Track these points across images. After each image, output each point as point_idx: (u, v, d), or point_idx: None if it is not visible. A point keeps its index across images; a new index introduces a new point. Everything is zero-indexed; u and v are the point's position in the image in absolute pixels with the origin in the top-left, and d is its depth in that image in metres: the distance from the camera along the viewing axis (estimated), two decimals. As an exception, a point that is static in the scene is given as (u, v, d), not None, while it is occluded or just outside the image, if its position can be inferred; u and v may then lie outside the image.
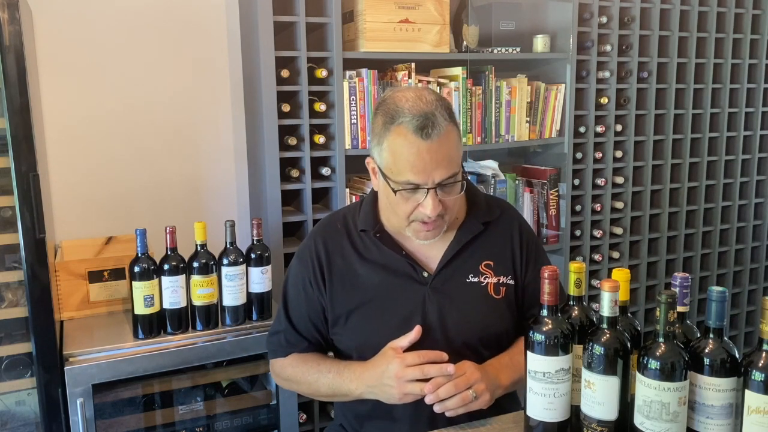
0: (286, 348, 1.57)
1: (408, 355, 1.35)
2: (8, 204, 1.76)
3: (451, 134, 1.34)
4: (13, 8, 1.63)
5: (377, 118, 1.38)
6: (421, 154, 1.31)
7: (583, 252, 2.78)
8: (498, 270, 1.50)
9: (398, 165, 1.34)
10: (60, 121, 2.30)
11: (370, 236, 1.49)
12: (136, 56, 2.39)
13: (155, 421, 2.02)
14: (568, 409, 1.20)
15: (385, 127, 1.35)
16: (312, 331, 1.54)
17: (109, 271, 2.05)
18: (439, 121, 1.31)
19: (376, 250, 1.49)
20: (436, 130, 1.31)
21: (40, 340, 1.77)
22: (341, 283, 1.50)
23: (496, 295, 1.49)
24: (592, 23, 2.61)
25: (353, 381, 1.42)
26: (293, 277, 1.57)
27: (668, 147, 2.89)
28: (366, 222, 1.50)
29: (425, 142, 1.31)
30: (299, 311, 1.55)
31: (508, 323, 1.49)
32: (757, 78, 3.07)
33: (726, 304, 1.10)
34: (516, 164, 2.85)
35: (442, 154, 1.32)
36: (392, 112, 1.34)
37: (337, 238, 1.52)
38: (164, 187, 2.47)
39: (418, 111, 1.31)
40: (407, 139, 1.31)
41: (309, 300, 1.52)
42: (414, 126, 1.30)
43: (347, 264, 1.50)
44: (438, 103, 1.34)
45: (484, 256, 1.50)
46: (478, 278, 1.48)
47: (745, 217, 3.20)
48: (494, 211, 1.54)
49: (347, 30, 2.35)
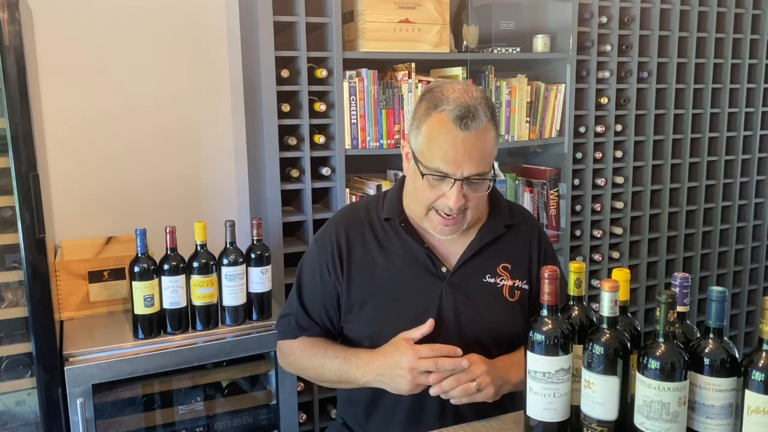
0: (295, 331, 1.57)
1: (422, 348, 1.35)
2: (8, 204, 1.75)
3: (489, 132, 1.37)
4: (13, 8, 1.63)
5: (421, 104, 1.41)
6: (456, 143, 1.34)
7: (583, 252, 2.78)
8: (514, 273, 1.51)
9: (431, 150, 1.36)
10: (60, 121, 2.30)
11: (394, 225, 1.50)
12: (136, 56, 2.39)
13: (155, 421, 2.02)
14: (568, 409, 1.20)
15: (428, 112, 1.38)
16: (323, 317, 1.55)
17: (109, 271, 2.05)
18: (480, 116, 1.34)
19: (397, 240, 1.50)
20: (475, 123, 1.33)
21: (40, 340, 1.77)
22: (359, 272, 1.50)
23: (510, 297, 1.50)
24: (592, 23, 2.61)
25: (360, 368, 1.43)
26: (310, 262, 1.57)
27: (668, 147, 2.89)
28: (391, 211, 1.52)
29: (462, 132, 1.33)
30: (313, 296, 1.55)
31: (520, 326, 1.49)
32: (757, 78, 3.07)
33: (726, 304, 1.10)
34: (516, 164, 2.85)
35: (476, 148, 1.35)
36: (437, 99, 1.37)
37: (359, 226, 1.53)
38: (164, 187, 2.47)
39: (462, 102, 1.34)
40: (446, 126, 1.34)
41: (324, 285, 1.53)
42: (455, 115, 1.33)
43: (367, 253, 1.51)
44: (483, 100, 1.37)
45: (502, 258, 1.52)
46: (494, 279, 1.50)
47: (745, 217, 3.20)
48: (516, 216, 1.57)
49: (347, 30, 2.35)
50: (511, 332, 1.49)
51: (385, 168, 2.60)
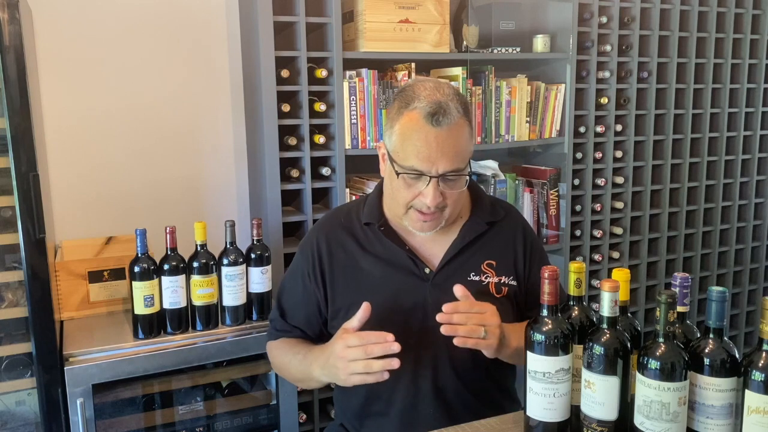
0: (277, 333, 1.60)
1: (350, 337, 1.31)
2: (8, 204, 1.75)
3: (462, 128, 1.36)
4: (13, 8, 1.63)
5: (394, 104, 1.41)
6: (429, 140, 1.33)
7: (583, 252, 2.78)
8: (500, 270, 1.50)
9: (405, 149, 1.35)
10: (60, 121, 2.30)
11: (374, 229, 1.50)
12: (137, 56, 2.39)
13: (155, 421, 2.02)
14: (568, 409, 1.20)
15: (400, 111, 1.38)
16: (300, 322, 1.56)
17: (109, 271, 2.05)
18: (451, 112, 1.33)
19: (378, 243, 1.50)
20: (447, 119, 1.33)
21: (40, 340, 1.77)
22: (343, 277, 1.50)
23: (497, 293, 1.49)
24: (592, 23, 2.61)
25: (313, 363, 1.42)
26: (293, 267, 1.60)
27: (668, 147, 2.89)
28: (371, 215, 1.51)
29: (434, 129, 1.33)
30: (292, 300, 1.58)
31: (509, 322, 1.48)
32: (757, 78, 3.07)
33: (726, 304, 1.10)
34: (516, 164, 2.85)
35: (449, 144, 1.34)
36: (408, 98, 1.37)
37: (340, 232, 1.54)
38: (164, 187, 2.47)
39: (433, 99, 1.34)
40: (417, 123, 1.34)
41: (306, 291, 1.54)
42: (426, 112, 1.33)
43: (350, 257, 1.51)
44: (454, 96, 1.37)
45: (486, 255, 1.51)
46: (479, 277, 1.49)
47: (745, 217, 3.20)
48: (498, 212, 1.55)
49: (347, 30, 2.35)
50: None
51: (385, 168, 2.59)
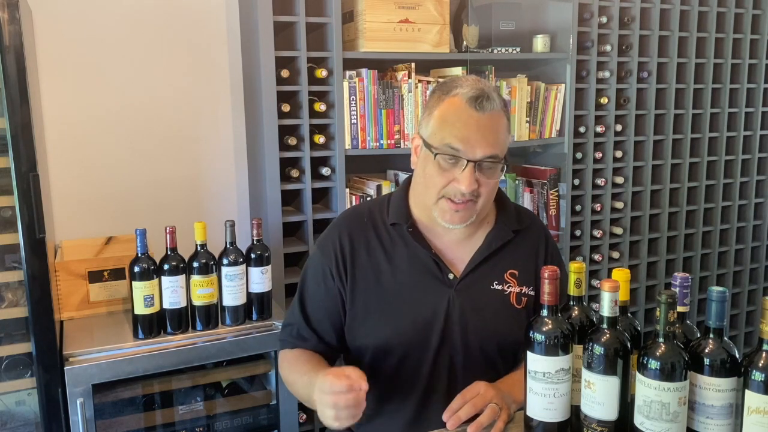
0: (295, 341, 1.51)
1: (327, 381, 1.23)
2: (8, 204, 1.75)
3: (502, 118, 1.38)
4: (13, 8, 1.63)
5: (433, 95, 1.42)
6: (470, 123, 1.34)
7: (583, 252, 2.78)
8: (521, 280, 1.49)
9: (444, 130, 1.35)
10: (60, 121, 2.30)
11: (401, 230, 1.47)
12: (136, 56, 2.39)
13: (155, 421, 2.02)
14: (568, 409, 1.20)
15: (440, 98, 1.39)
16: (326, 326, 1.49)
17: (109, 271, 2.05)
18: (494, 99, 1.36)
19: (403, 246, 1.46)
20: (489, 105, 1.34)
21: (40, 340, 1.77)
22: (364, 278, 1.46)
23: (517, 304, 1.48)
24: (592, 23, 2.61)
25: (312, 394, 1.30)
26: (313, 269, 1.52)
27: (668, 147, 2.89)
28: (398, 215, 1.48)
29: (476, 113, 1.34)
30: (316, 304, 1.50)
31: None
32: (757, 78, 3.07)
33: (726, 304, 1.10)
34: (516, 164, 2.85)
35: (489, 129, 1.35)
36: (449, 87, 1.38)
37: (363, 231, 1.49)
38: (164, 187, 2.47)
39: (476, 86, 1.36)
40: (459, 107, 1.35)
41: (328, 292, 1.48)
42: (469, 96, 1.34)
43: (372, 259, 1.46)
44: (495, 90, 1.39)
45: (510, 264, 1.49)
46: (502, 286, 1.47)
47: (745, 217, 3.20)
48: (524, 220, 1.54)
49: (347, 30, 2.35)
50: (516, 340, 1.44)
51: (385, 168, 2.60)
